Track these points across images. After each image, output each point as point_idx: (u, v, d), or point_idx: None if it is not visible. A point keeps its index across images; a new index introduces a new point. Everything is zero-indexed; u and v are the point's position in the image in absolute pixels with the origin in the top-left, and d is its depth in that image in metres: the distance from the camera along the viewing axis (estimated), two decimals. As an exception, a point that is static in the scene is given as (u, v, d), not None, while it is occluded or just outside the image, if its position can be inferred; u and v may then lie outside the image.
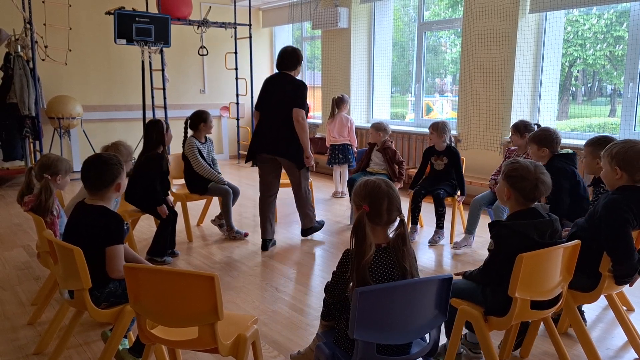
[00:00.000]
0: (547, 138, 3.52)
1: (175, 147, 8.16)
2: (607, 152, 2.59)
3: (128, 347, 2.65)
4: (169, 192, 4.51)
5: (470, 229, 4.51)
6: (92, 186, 2.53)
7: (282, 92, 4.38)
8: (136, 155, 4.34)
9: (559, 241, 2.34)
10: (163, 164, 4.24)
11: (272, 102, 4.44)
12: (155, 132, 4.24)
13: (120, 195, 2.64)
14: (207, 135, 4.94)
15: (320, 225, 4.95)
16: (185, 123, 4.85)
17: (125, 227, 3.45)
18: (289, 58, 4.44)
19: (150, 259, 4.18)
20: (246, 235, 4.94)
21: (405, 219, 5.21)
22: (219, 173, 4.86)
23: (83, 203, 2.56)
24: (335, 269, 2.08)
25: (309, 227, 4.78)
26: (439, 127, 4.73)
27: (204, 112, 4.88)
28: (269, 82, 4.54)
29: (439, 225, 4.74)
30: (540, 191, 2.30)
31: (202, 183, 4.76)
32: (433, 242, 4.71)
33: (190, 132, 4.86)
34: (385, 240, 2.01)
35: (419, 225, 5.00)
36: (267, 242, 4.59)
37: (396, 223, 2.02)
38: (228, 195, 4.75)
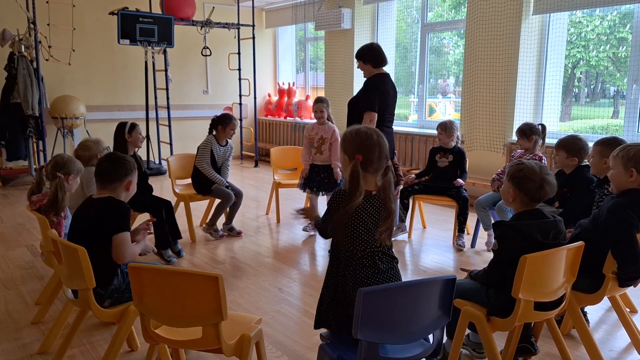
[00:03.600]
0: (579, 148, 3.46)
1: (178, 148, 8.18)
2: (621, 153, 2.58)
3: None
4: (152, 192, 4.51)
5: (488, 226, 4.49)
6: (105, 179, 2.57)
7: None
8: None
9: (563, 242, 2.34)
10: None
11: (391, 111, 4.43)
12: (118, 134, 4.23)
13: (129, 196, 2.66)
14: (228, 140, 4.93)
15: None
16: (212, 121, 4.86)
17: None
18: None
19: (158, 253, 4.20)
20: (222, 236, 4.91)
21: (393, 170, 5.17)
22: (226, 181, 4.83)
23: (90, 198, 2.60)
24: (326, 209, 2.21)
25: None
26: (447, 127, 4.72)
27: (226, 117, 4.83)
28: (389, 86, 4.36)
29: (461, 229, 4.65)
30: (546, 192, 2.30)
31: (206, 183, 4.77)
32: (460, 246, 4.61)
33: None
34: (375, 188, 2.14)
35: (421, 226, 4.99)
36: None
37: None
38: (228, 201, 4.75)
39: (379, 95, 4.25)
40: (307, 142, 5.05)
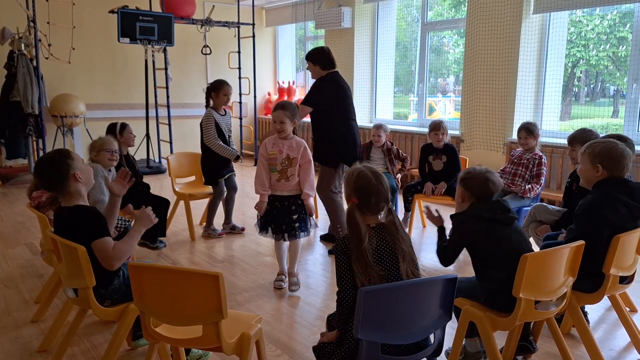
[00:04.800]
0: None
1: (178, 146, 8.18)
2: (587, 150, 2.64)
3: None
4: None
5: None
6: (53, 187, 2.45)
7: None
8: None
9: (513, 216, 2.45)
10: (125, 166, 4.14)
11: (352, 105, 4.45)
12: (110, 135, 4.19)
13: (88, 186, 2.51)
14: (227, 110, 4.73)
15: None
16: (206, 90, 4.63)
17: (128, 225, 3.46)
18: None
19: (143, 244, 4.31)
20: (221, 235, 4.90)
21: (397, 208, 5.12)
22: (233, 149, 4.69)
23: (60, 207, 2.48)
24: (337, 272, 2.04)
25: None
26: (443, 126, 4.71)
27: (216, 82, 4.58)
28: (344, 83, 4.39)
29: None
30: (490, 189, 2.45)
31: (216, 173, 4.67)
32: None
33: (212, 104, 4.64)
34: (375, 222, 2.08)
35: (421, 225, 4.98)
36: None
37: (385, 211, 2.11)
38: (219, 197, 4.77)
39: (325, 91, 4.24)
40: (264, 163, 3.59)
